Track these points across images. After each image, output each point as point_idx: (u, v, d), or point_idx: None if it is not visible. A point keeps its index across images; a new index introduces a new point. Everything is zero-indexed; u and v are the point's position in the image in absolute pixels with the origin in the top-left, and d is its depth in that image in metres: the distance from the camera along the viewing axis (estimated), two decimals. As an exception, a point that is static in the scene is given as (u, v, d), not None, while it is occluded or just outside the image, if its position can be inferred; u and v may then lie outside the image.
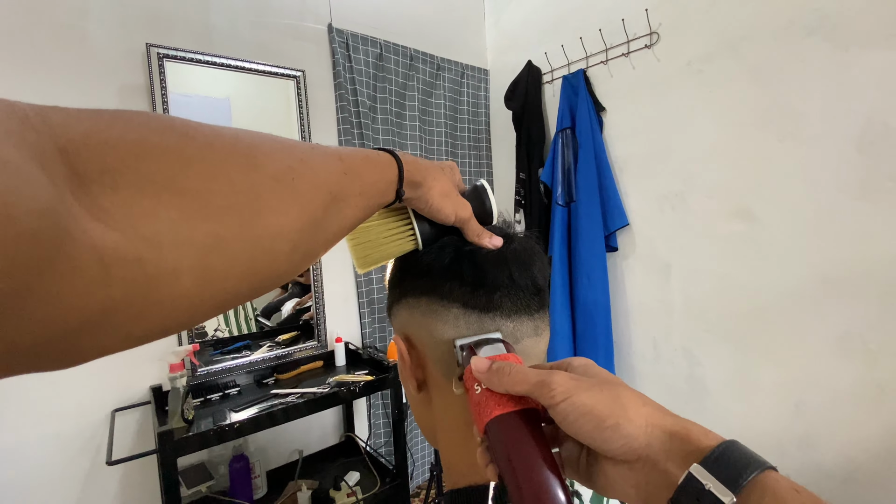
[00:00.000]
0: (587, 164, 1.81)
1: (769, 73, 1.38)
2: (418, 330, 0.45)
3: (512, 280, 0.42)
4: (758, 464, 0.25)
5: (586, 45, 1.87)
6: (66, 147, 0.18)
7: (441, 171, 0.45)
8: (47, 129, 0.18)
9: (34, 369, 0.18)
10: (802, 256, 1.36)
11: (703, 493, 0.25)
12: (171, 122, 0.24)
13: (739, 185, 1.49)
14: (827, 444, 1.34)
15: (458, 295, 0.42)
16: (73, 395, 1.29)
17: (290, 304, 1.85)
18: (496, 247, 0.44)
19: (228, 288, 0.25)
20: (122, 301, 0.19)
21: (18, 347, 0.16)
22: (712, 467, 0.25)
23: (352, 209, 0.34)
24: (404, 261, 0.47)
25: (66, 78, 1.27)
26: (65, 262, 0.16)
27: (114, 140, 0.20)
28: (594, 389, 0.30)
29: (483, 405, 0.33)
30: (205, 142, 0.24)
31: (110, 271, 0.18)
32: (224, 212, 0.24)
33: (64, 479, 1.28)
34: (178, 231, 0.21)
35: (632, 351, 1.87)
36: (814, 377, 1.36)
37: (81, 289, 0.17)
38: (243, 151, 0.26)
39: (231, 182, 0.25)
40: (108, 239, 0.18)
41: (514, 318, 0.42)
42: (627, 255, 1.86)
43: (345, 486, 1.44)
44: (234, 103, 1.61)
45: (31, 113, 0.18)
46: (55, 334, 0.17)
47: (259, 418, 1.26)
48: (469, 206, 0.45)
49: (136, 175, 0.20)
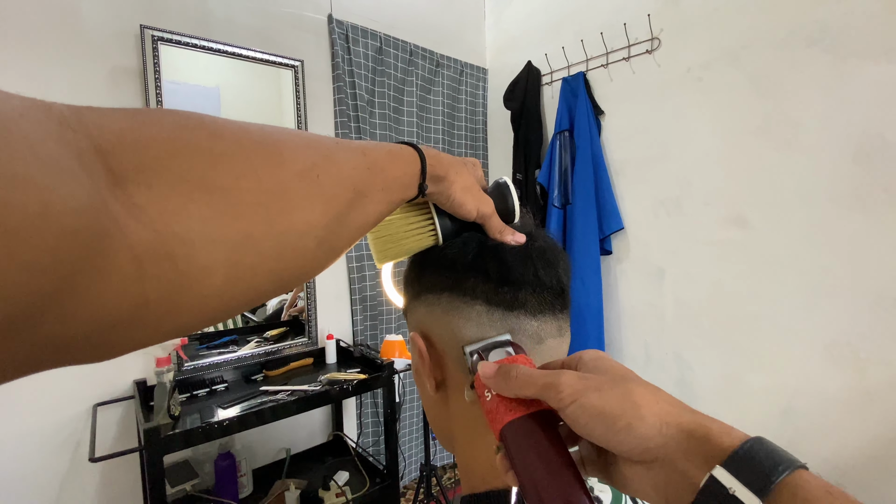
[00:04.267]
0: (584, 166, 1.82)
1: (768, 82, 1.40)
2: (438, 328, 0.44)
3: (538, 278, 0.41)
4: (788, 463, 0.23)
5: (587, 47, 1.88)
6: (102, 146, 0.18)
7: (464, 165, 0.44)
8: (83, 129, 0.18)
9: (68, 363, 0.19)
10: (795, 264, 1.38)
11: (728, 499, 0.23)
12: (202, 120, 0.24)
13: (735, 192, 1.50)
14: (814, 451, 1.36)
15: (482, 291, 0.41)
16: (52, 388, 1.24)
17: (275, 298, 1.81)
18: (519, 244, 0.43)
19: (256, 284, 0.25)
20: (154, 297, 0.20)
21: (56, 343, 0.17)
22: (737, 469, 0.23)
23: (375, 204, 0.34)
24: (424, 256, 0.46)
25: (56, 58, 1.21)
26: (102, 259, 0.17)
27: (147, 139, 0.21)
28: (604, 388, 0.28)
29: (496, 411, 0.32)
30: (233, 139, 0.25)
31: (144, 268, 0.19)
32: (253, 209, 0.24)
33: (42, 476, 1.23)
34: (209, 228, 0.22)
35: (623, 355, 1.88)
36: (803, 383, 1.38)
37: (117, 286, 0.18)
38: (270, 149, 0.26)
39: (259, 179, 0.25)
40: (143, 236, 0.19)
41: (538, 318, 0.41)
42: (622, 258, 1.87)
43: (334, 485, 1.41)
44: (224, 92, 1.57)
45: (68, 113, 0.18)
46: (91, 330, 0.18)
47: (247, 416, 1.22)
48: (491, 202, 0.44)
49: (169, 173, 0.21)
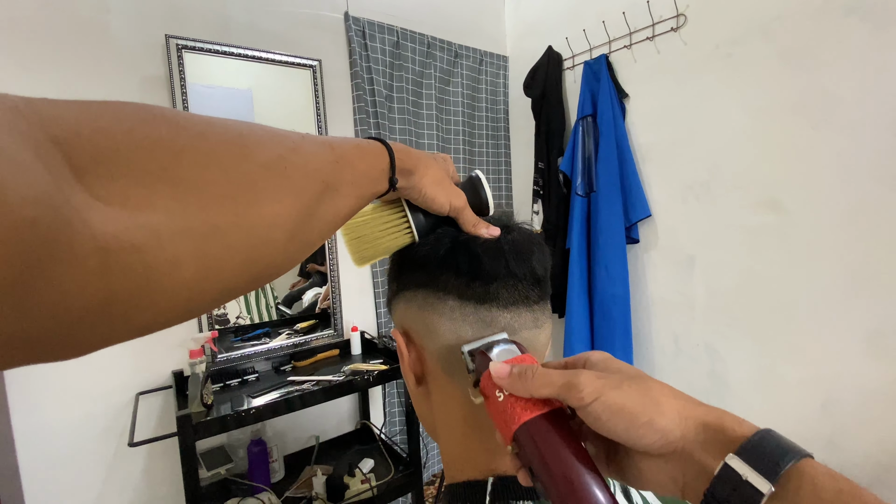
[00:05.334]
0: (608, 152, 1.76)
1: (802, 55, 1.30)
2: (416, 324, 0.45)
3: (509, 270, 0.41)
4: (795, 452, 0.25)
5: (609, 29, 1.81)
6: (58, 137, 0.18)
7: (433, 159, 0.44)
8: (38, 120, 0.17)
9: (35, 360, 0.18)
10: (834, 250, 1.29)
11: (740, 484, 0.25)
12: (162, 112, 0.23)
13: (768, 174, 1.42)
14: (854, 446, 1.28)
15: (454, 286, 0.41)
16: (100, 378, 1.34)
17: (311, 293, 1.87)
18: (493, 236, 0.43)
19: (227, 277, 0.25)
20: (122, 291, 0.19)
21: (19, 337, 0.16)
22: (749, 457, 0.25)
23: (345, 198, 0.34)
24: (401, 254, 0.47)
25: (90, 71, 1.30)
26: (64, 250, 0.16)
27: (106, 130, 0.20)
28: (623, 386, 0.30)
29: (509, 412, 0.33)
30: (196, 131, 0.24)
31: (109, 260, 0.18)
32: (219, 201, 0.24)
33: (92, 459, 1.34)
34: (175, 220, 0.22)
35: (652, 346, 1.83)
36: (842, 376, 1.30)
37: (81, 278, 0.17)
38: (234, 141, 0.26)
39: (224, 171, 0.25)
40: (107, 228, 0.18)
41: (511, 310, 0.41)
42: (649, 247, 1.81)
43: (359, 472, 1.46)
44: (257, 94, 1.62)
45: (22, 104, 0.17)
46: (56, 324, 0.17)
47: (276, 404, 1.28)
48: (463, 196, 0.44)
49: (130, 165, 0.20)
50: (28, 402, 1.24)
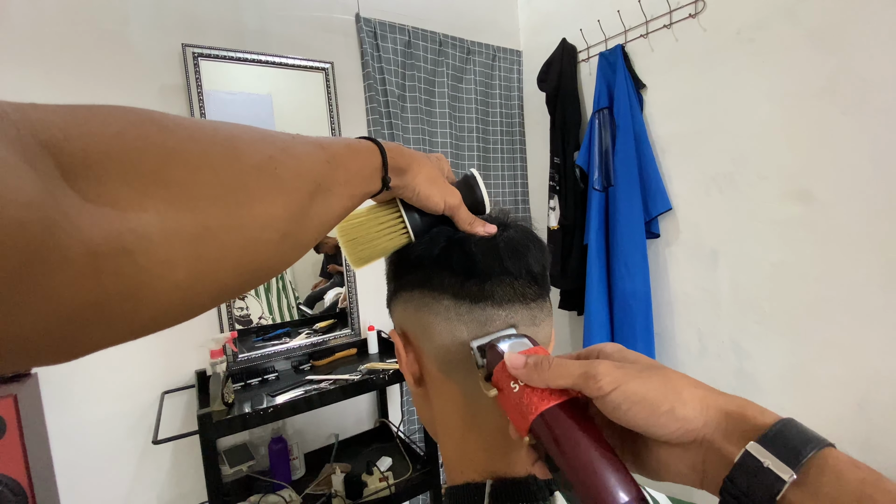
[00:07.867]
0: (626, 145, 1.72)
1: (831, 37, 1.23)
2: (413, 325, 0.45)
3: (504, 268, 0.41)
4: (817, 441, 0.24)
5: (624, 18, 1.76)
6: (47, 141, 0.18)
7: (427, 158, 0.44)
8: (27, 125, 0.18)
9: (28, 363, 0.19)
10: (868, 242, 1.22)
11: (760, 471, 0.24)
12: (150, 115, 0.24)
13: (796, 163, 1.36)
14: (893, 447, 1.21)
15: (449, 285, 0.41)
16: (128, 378, 1.40)
17: (332, 293, 1.89)
18: (489, 234, 0.42)
19: (221, 278, 0.25)
20: (114, 293, 0.19)
21: (10, 340, 0.16)
22: (770, 445, 0.25)
23: (338, 198, 0.34)
24: (397, 255, 0.46)
25: (111, 81, 1.34)
26: (54, 253, 0.16)
27: (94, 133, 0.20)
28: (643, 375, 0.29)
29: (525, 403, 0.32)
30: (185, 134, 0.24)
31: (100, 263, 0.18)
32: (211, 202, 0.24)
33: (121, 456, 1.39)
34: (166, 222, 0.21)
35: (675, 343, 1.77)
36: (880, 374, 1.23)
37: (71, 280, 0.17)
38: (224, 142, 0.26)
39: (215, 172, 0.25)
40: (97, 231, 0.18)
41: (506, 307, 0.41)
42: (670, 241, 1.75)
43: (377, 471, 1.47)
44: (276, 99, 1.64)
45: (9, 109, 0.18)
46: (47, 326, 0.17)
47: (295, 403, 1.30)
48: (458, 194, 0.43)
49: (120, 168, 0.20)
50: (61, 401, 1.29)
